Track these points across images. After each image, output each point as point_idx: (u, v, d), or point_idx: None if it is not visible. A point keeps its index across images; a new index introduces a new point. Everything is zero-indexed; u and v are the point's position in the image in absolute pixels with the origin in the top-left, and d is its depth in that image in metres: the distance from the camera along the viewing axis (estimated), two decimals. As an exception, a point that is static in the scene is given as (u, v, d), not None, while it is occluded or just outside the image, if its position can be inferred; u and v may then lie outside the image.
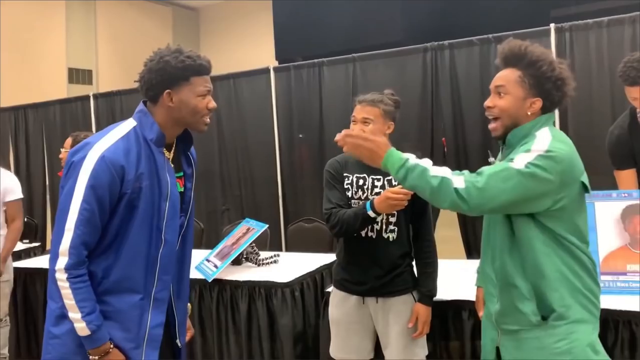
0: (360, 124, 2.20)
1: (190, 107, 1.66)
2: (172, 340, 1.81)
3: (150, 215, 1.63)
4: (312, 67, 4.68)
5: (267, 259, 3.24)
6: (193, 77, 1.65)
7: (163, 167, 1.66)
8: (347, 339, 2.27)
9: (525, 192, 1.53)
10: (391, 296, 2.21)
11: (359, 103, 2.23)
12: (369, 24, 7.54)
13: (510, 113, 1.65)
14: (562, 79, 1.64)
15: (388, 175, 2.20)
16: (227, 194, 5.13)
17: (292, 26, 8.51)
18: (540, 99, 1.65)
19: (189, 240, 1.84)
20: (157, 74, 1.63)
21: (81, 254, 1.55)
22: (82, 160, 1.57)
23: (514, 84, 1.65)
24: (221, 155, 5.13)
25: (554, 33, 3.83)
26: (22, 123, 6.17)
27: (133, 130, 1.65)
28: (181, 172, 1.79)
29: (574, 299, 1.60)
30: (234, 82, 5.02)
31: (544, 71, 1.63)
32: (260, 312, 2.78)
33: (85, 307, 1.55)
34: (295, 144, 4.85)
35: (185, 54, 1.64)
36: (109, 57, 10.87)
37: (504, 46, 1.70)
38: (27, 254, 4.22)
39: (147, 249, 1.64)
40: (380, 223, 2.19)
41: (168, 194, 1.66)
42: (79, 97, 5.98)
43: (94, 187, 1.54)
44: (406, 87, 4.29)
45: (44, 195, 6.07)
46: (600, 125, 3.63)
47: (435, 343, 2.41)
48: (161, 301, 1.69)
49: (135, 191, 1.59)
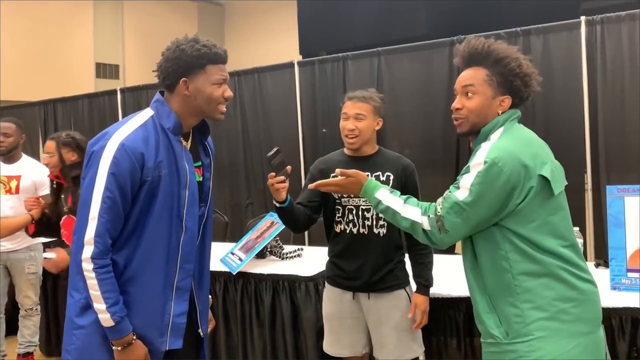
0: (353, 119, 2.21)
1: (206, 95, 1.67)
2: (194, 329, 1.83)
3: (170, 203, 1.64)
4: (337, 61, 4.66)
5: (291, 253, 3.25)
6: (208, 66, 1.66)
7: (181, 156, 1.68)
8: (340, 335, 2.29)
9: (482, 215, 1.51)
10: (383, 292, 2.22)
11: (350, 100, 2.25)
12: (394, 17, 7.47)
13: (479, 113, 1.61)
14: (528, 75, 1.60)
15: (376, 171, 2.21)
16: (251, 188, 5.16)
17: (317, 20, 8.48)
18: (509, 96, 1.60)
19: (209, 230, 1.85)
20: (173, 62, 1.65)
21: (106, 242, 1.57)
22: (102, 150, 1.59)
23: (483, 83, 1.61)
24: (245, 149, 5.16)
25: (584, 26, 3.74)
26: (52, 117, 6.30)
27: (151, 119, 1.67)
28: (199, 161, 1.80)
29: (538, 313, 1.49)
30: (258, 76, 5.03)
31: (511, 68, 1.59)
32: (284, 305, 2.80)
33: (110, 298, 1.57)
34: (319, 138, 4.85)
35: (202, 42, 1.66)
36: (135, 52, 11.00)
37: (464, 45, 1.66)
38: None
39: (168, 237, 1.65)
40: (371, 219, 2.20)
41: (187, 182, 1.67)
42: (107, 92, 6.08)
43: (115, 174, 1.56)
44: (432, 81, 4.26)
45: (72, 188, 6.18)
46: (632, 120, 3.55)
47: (430, 340, 2.40)
48: (184, 290, 1.70)
49: (155, 179, 1.61)
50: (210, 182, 1.84)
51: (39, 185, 3.55)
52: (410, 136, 4.38)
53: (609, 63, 3.70)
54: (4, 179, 3.50)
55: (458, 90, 1.66)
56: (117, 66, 10.94)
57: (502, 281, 1.54)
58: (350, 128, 2.21)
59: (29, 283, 3.53)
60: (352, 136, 2.21)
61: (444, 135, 4.22)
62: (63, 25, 9.84)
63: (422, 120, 4.29)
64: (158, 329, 1.66)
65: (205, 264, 1.85)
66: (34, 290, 3.58)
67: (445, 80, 4.19)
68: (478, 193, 1.49)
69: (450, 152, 4.20)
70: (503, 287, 1.54)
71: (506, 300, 1.53)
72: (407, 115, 4.39)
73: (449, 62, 4.18)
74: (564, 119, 3.71)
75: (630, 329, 2.05)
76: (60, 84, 8.64)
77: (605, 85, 3.72)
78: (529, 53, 3.69)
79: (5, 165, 3.55)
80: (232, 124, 5.10)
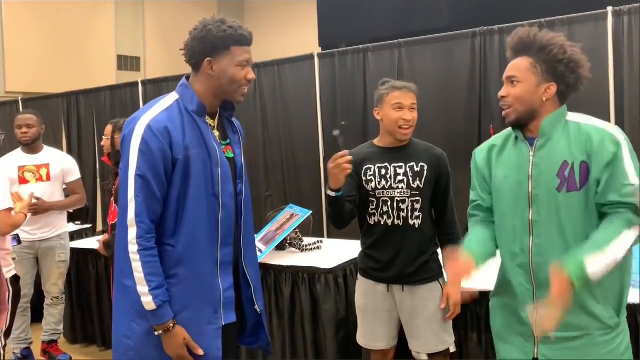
0: (409, 110, 2.18)
1: (229, 75, 1.69)
2: (250, 306, 1.87)
3: (204, 182, 1.68)
4: (357, 53, 4.63)
5: (311, 245, 3.26)
6: (233, 47, 1.68)
7: (209, 136, 1.71)
8: (373, 327, 2.29)
9: None
10: (417, 284, 2.21)
11: (399, 90, 2.19)
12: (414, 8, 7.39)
13: (524, 100, 1.63)
14: (574, 61, 1.60)
15: (410, 162, 2.18)
16: (270, 180, 5.17)
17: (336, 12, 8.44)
18: (555, 83, 1.61)
19: (249, 207, 1.87)
20: (199, 42, 1.68)
21: (147, 222, 1.60)
22: (132, 133, 1.64)
23: (526, 71, 1.63)
24: (265, 141, 5.16)
25: (611, 17, 3.65)
26: (74, 109, 6.38)
27: (176, 103, 1.71)
28: (227, 139, 1.82)
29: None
30: (278, 68, 5.03)
31: (555, 54, 1.60)
32: (303, 297, 2.81)
33: (153, 282, 1.60)
34: (339, 131, 4.82)
35: (228, 24, 1.68)
36: (156, 45, 11.08)
37: (512, 36, 1.68)
38: (79, 235, 4.39)
39: (207, 215, 1.68)
40: (406, 210, 2.18)
41: (218, 160, 1.71)
42: (128, 84, 6.13)
43: (144, 154, 1.60)
44: (454, 74, 4.20)
45: (95, 179, 6.27)
46: (660, 113, 3.47)
47: (460, 333, 2.38)
48: (227, 264, 1.75)
49: (186, 159, 1.64)
50: (242, 158, 1.85)
51: (66, 172, 3.66)
52: (431, 128, 4.32)
53: (636, 55, 3.61)
54: (33, 168, 3.58)
55: (504, 81, 1.68)
56: (138, 58, 11.04)
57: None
58: (408, 119, 2.17)
59: (58, 271, 3.61)
60: (408, 127, 2.18)
61: (465, 127, 4.17)
62: (85, 19, 9.95)
63: (444, 112, 4.24)
64: (213, 306, 1.71)
65: (250, 240, 1.88)
66: (62, 279, 3.65)
67: (467, 72, 4.14)
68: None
69: (472, 145, 4.14)
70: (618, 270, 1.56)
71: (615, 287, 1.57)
72: (428, 107, 4.33)
73: (470, 54, 4.12)
74: (590, 112, 3.61)
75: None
76: (82, 76, 8.75)
77: (632, 77, 3.63)
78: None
79: (30, 155, 3.62)
80: (251, 116, 5.11)
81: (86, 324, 3.88)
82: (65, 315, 3.78)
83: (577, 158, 1.57)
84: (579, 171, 1.57)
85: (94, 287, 3.76)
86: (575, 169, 1.57)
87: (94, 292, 3.76)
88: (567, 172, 1.57)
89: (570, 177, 1.57)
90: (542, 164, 1.63)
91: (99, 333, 3.81)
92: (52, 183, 3.58)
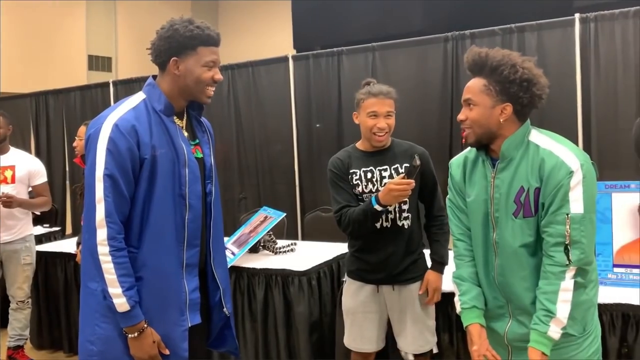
0: (384, 117, 2.17)
1: (195, 75, 1.69)
2: (218, 309, 1.85)
3: (171, 182, 1.66)
4: (331, 55, 4.65)
5: (284, 248, 3.24)
6: (200, 47, 1.67)
7: (176, 135, 1.70)
8: (362, 329, 2.28)
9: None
10: (407, 283, 2.22)
11: (375, 96, 2.17)
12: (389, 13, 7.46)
13: (481, 123, 1.61)
14: (527, 80, 1.56)
15: (394, 164, 2.20)
16: (244, 182, 5.14)
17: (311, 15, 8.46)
18: (510, 103, 1.59)
19: (218, 207, 1.85)
20: (165, 41, 1.67)
21: (117, 222, 1.58)
22: (98, 133, 1.61)
23: (480, 93, 1.61)
24: (239, 143, 5.14)
25: (578, 23, 3.75)
26: (43, 109, 6.24)
27: (143, 103, 1.69)
28: (196, 139, 1.81)
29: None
30: (253, 70, 5.01)
31: (506, 75, 1.57)
32: (276, 299, 2.80)
33: (126, 282, 1.58)
34: (314, 133, 4.84)
35: (196, 24, 1.68)
36: (128, 45, 10.94)
37: (467, 56, 1.66)
38: (47, 238, 4.29)
39: (174, 216, 1.67)
40: (394, 212, 2.19)
41: (186, 160, 1.69)
42: (99, 84, 6.03)
43: (112, 152, 1.58)
44: (427, 78, 4.26)
45: (64, 181, 6.15)
46: (625, 118, 3.57)
47: (451, 333, 2.41)
48: (193, 266, 1.73)
49: (153, 159, 1.63)
50: (212, 158, 1.83)
51: (33, 174, 3.55)
52: (404, 131, 4.34)
53: (602, 60, 3.71)
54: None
55: (463, 103, 1.67)
56: (110, 59, 10.88)
57: None
58: (382, 127, 2.17)
59: (24, 275, 3.51)
60: (383, 134, 2.18)
61: (438, 130, 4.22)
62: (55, 17, 9.76)
63: (417, 116, 4.29)
64: (179, 308, 1.69)
65: (219, 241, 1.86)
66: (28, 282, 3.56)
67: (440, 77, 4.20)
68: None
69: (444, 148, 4.20)
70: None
71: (578, 299, 1.57)
72: (401, 110, 4.35)
73: (443, 58, 4.18)
74: (557, 116, 3.72)
75: (620, 325, 2.06)
76: (52, 75, 8.58)
77: (598, 82, 3.73)
78: (523, 50, 3.70)
79: None
80: (225, 117, 5.08)
81: (53, 329, 3.79)
82: (32, 320, 3.68)
83: (532, 185, 1.57)
84: (534, 197, 1.57)
85: (62, 291, 3.67)
86: (530, 195, 1.58)
87: (62, 297, 3.68)
88: (523, 197, 1.58)
89: (525, 203, 1.58)
90: (502, 186, 1.63)
91: (66, 338, 3.72)
92: (17, 186, 3.47)
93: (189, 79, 1.69)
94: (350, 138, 4.30)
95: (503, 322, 1.69)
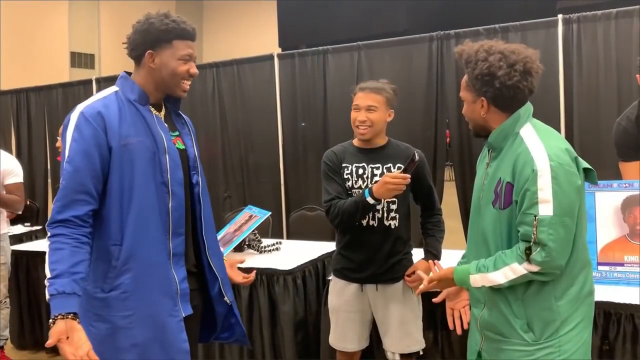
0: (365, 111, 2.19)
1: (170, 69, 1.68)
2: (220, 299, 1.83)
3: (152, 170, 1.65)
4: (317, 54, 4.64)
5: (269, 246, 3.24)
6: (175, 41, 1.67)
7: (154, 123, 1.69)
8: (346, 328, 2.28)
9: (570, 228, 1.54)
10: (391, 283, 2.23)
11: (362, 90, 2.22)
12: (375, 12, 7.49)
13: (470, 117, 1.70)
14: (487, 74, 1.58)
15: (387, 163, 2.21)
16: (229, 181, 5.12)
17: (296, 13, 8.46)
18: (483, 97, 1.63)
19: (206, 197, 1.84)
20: (141, 35, 1.67)
21: (63, 209, 1.55)
22: (67, 123, 1.63)
23: (464, 90, 1.69)
24: (224, 141, 5.11)
25: (561, 24, 3.79)
26: (24, 106, 6.15)
27: (114, 94, 1.70)
28: (176, 131, 1.80)
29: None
30: (238, 68, 4.98)
31: (469, 72, 1.63)
32: (261, 298, 2.79)
33: (55, 270, 1.52)
34: (299, 132, 4.83)
35: (171, 18, 1.68)
36: (111, 42, 10.84)
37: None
38: (28, 237, 4.23)
39: (158, 205, 1.65)
40: (382, 211, 2.19)
41: (165, 148, 1.68)
42: (82, 81, 5.96)
43: (76, 141, 1.59)
44: (411, 77, 4.27)
45: (46, 179, 6.06)
46: (607, 117, 3.61)
47: (436, 332, 2.42)
48: (180, 255, 1.71)
49: (125, 148, 1.61)
50: (194, 149, 1.82)
51: (6, 173, 3.44)
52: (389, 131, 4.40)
53: (585, 61, 3.76)
54: None
55: None
56: (93, 56, 10.76)
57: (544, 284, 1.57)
58: (361, 119, 2.19)
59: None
60: (364, 127, 2.19)
61: (423, 130, 4.24)
62: (38, 13, 9.63)
63: (401, 115, 4.27)
64: (171, 298, 1.67)
65: (211, 231, 1.85)
66: (4, 282, 3.49)
67: (425, 76, 4.21)
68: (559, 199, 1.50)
69: (429, 147, 4.22)
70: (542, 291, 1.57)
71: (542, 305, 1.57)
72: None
73: (428, 58, 4.20)
74: (540, 116, 3.69)
75: (602, 322, 2.09)
76: (33, 72, 8.47)
77: (580, 82, 3.78)
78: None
79: None
80: (210, 116, 5.05)
81: (35, 329, 3.74)
82: (13, 320, 3.62)
83: (506, 178, 1.59)
84: (504, 191, 1.59)
85: (43, 291, 3.61)
86: (503, 188, 1.60)
87: (43, 296, 3.61)
88: (499, 189, 1.61)
89: (499, 195, 1.61)
90: (490, 175, 1.67)
91: (47, 338, 3.67)
92: None
93: (164, 72, 1.68)
94: (335, 137, 4.32)
95: (478, 309, 1.73)
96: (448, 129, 4.40)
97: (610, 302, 2.09)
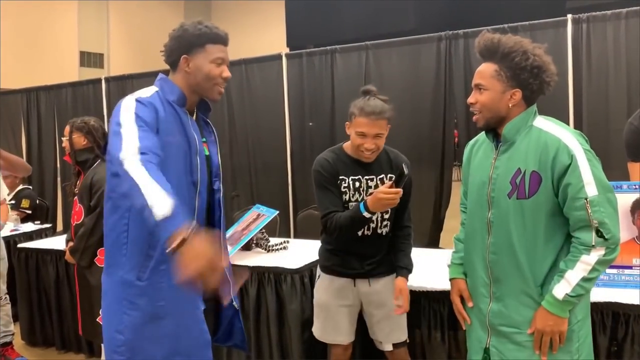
0: (372, 138, 2.12)
1: (204, 72, 1.74)
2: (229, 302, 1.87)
3: (184, 170, 1.69)
4: (325, 54, 4.65)
5: (277, 245, 3.24)
6: (208, 45, 1.74)
7: (189, 125, 1.74)
8: (337, 322, 2.31)
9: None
10: (382, 276, 2.26)
11: (367, 117, 2.09)
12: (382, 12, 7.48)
13: (491, 107, 1.68)
14: (537, 67, 1.63)
15: (380, 175, 2.21)
16: (237, 180, 5.14)
17: (304, 13, 8.47)
18: (520, 89, 1.65)
19: (224, 205, 1.90)
20: (176, 41, 1.75)
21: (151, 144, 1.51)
22: (119, 105, 1.62)
23: (491, 79, 1.67)
24: (232, 140, 5.13)
25: (570, 24, 3.77)
26: (34, 105, 6.20)
27: (156, 93, 1.73)
28: (203, 138, 1.85)
29: None
30: (246, 67, 5.00)
31: (517, 62, 1.63)
32: (269, 297, 2.80)
33: (166, 184, 1.42)
34: (306, 132, 4.84)
35: (204, 24, 1.75)
36: (120, 42, 10.90)
37: (478, 40, 1.71)
38: (38, 235, 4.26)
39: (188, 204, 1.68)
40: (376, 221, 2.22)
41: (197, 149, 1.73)
42: (91, 80, 5.99)
43: (139, 115, 1.58)
44: (419, 77, 4.27)
45: (55, 178, 6.11)
46: (616, 118, 3.60)
47: (414, 333, 2.43)
48: None
49: (166, 143, 1.62)
50: (218, 157, 1.88)
51: None
52: (397, 131, 4.37)
53: (594, 61, 3.74)
54: None
55: (473, 87, 1.72)
56: (102, 55, 10.82)
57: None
58: (369, 148, 2.12)
59: None
60: (370, 153, 2.14)
61: (431, 130, 4.23)
62: (48, 13, 9.70)
63: (409, 115, 4.30)
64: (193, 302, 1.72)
65: (225, 237, 1.93)
66: (2, 279, 3.50)
67: (433, 76, 4.21)
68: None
69: (437, 147, 4.22)
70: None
71: None
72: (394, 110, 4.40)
73: (436, 58, 4.19)
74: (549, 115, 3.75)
75: (610, 323, 2.08)
76: (43, 71, 8.53)
77: (590, 82, 3.76)
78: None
79: None
80: (218, 115, 5.06)
81: (45, 326, 3.77)
82: (24, 317, 3.66)
83: (530, 167, 1.61)
84: (529, 180, 1.61)
85: (53, 288, 3.65)
86: (525, 178, 1.61)
87: (53, 294, 3.66)
88: (519, 179, 1.62)
89: (520, 185, 1.62)
90: (501, 167, 1.68)
91: (58, 335, 3.70)
92: None
93: (199, 76, 1.74)
94: (342, 137, 4.28)
95: (484, 304, 1.74)
96: (456, 129, 4.39)
97: (619, 302, 2.08)
